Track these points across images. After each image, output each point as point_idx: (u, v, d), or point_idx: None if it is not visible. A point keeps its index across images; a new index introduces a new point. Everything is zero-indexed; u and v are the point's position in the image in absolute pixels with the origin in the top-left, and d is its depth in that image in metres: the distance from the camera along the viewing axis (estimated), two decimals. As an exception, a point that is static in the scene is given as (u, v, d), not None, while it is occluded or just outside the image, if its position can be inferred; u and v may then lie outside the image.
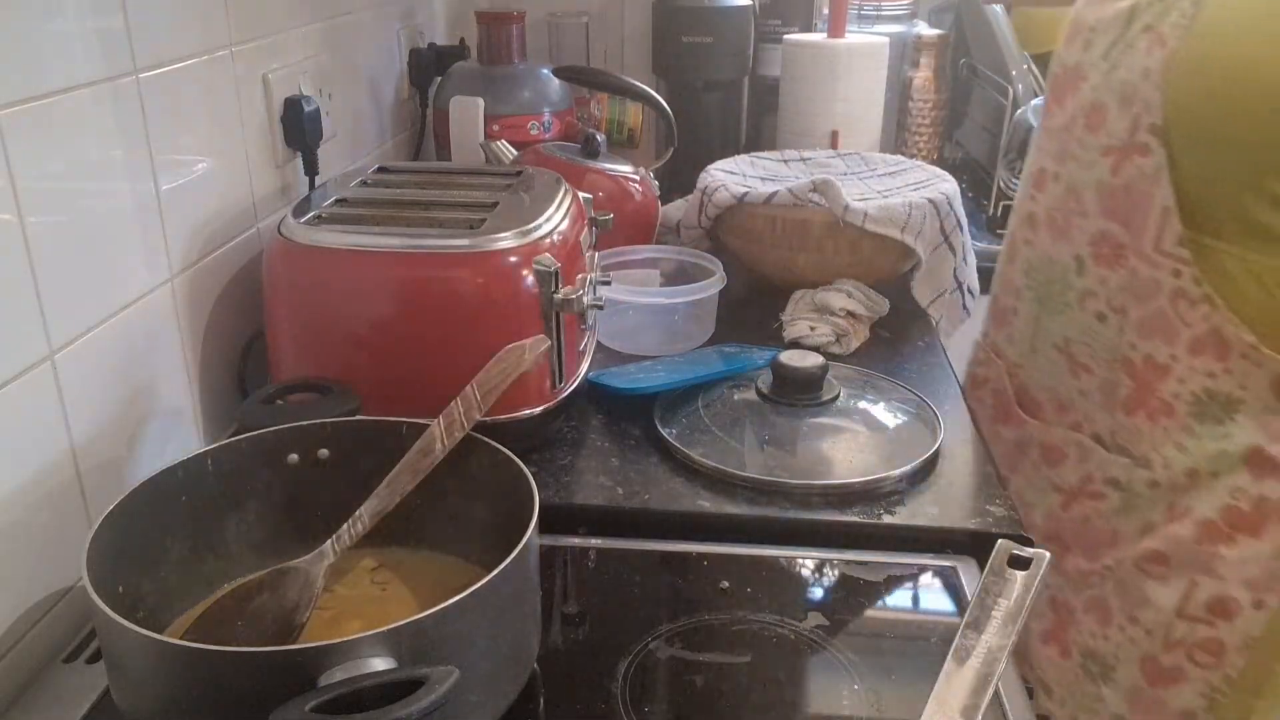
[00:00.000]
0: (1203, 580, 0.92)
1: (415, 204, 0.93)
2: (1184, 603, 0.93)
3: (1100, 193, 0.93)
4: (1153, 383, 0.91)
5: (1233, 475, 0.89)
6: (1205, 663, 0.93)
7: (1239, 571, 0.90)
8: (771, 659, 0.69)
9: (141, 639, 0.53)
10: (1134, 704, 0.98)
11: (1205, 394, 0.89)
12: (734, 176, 1.30)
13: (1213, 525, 0.91)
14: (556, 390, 0.89)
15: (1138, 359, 0.92)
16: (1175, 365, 0.89)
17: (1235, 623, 0.92)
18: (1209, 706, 0.95)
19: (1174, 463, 0.92)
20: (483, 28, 1.47)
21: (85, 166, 0.74)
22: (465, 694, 0.54)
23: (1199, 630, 0.93)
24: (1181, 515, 0.92)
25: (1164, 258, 0.88)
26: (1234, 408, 0.88)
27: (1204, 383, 0.88)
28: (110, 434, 0.77)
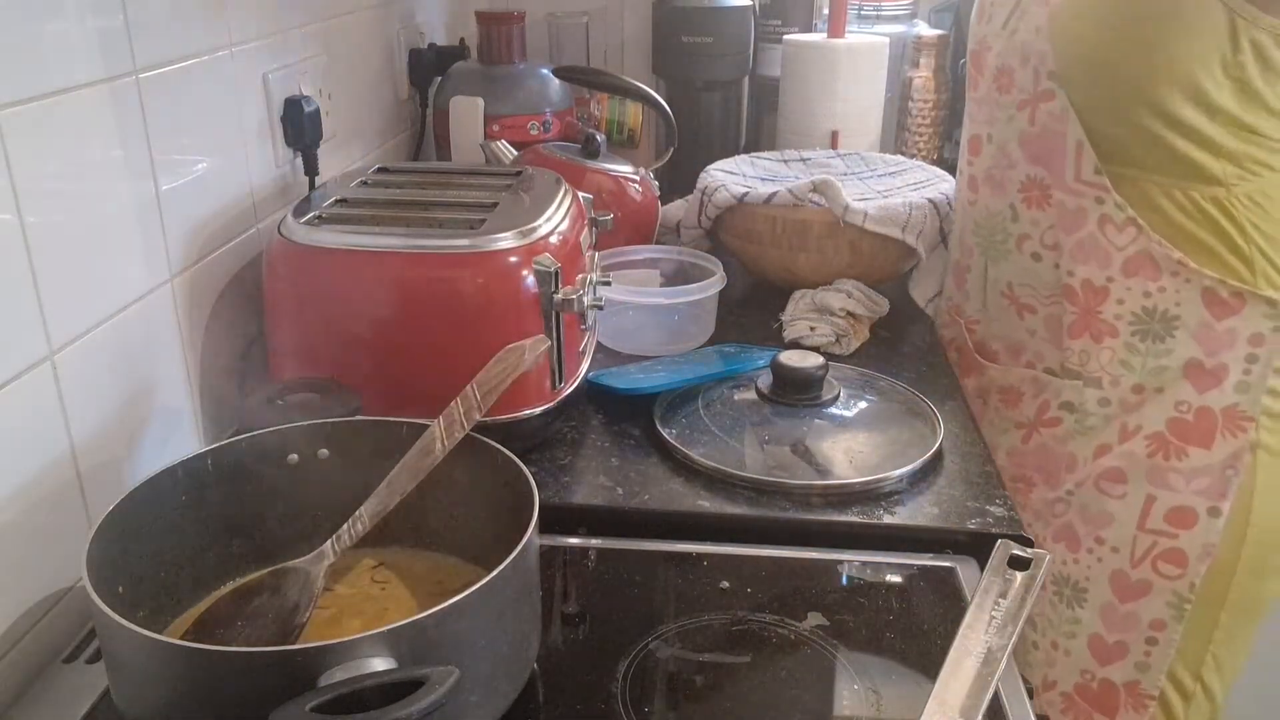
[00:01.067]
0: (1159, 493, 0.99)
1: (415, 204, 0.93)
2: (1144, 517, 1.00)
3: (1023, 143, 1.02)
4: (1094, 305, 0.99)
5: (1176, 389, 0.97)
6: (1170, 573, 1.01)
7: (1193, 482, 0.98)
8: (771, 659, 0.69)
9: (141, 639, 0.53)
10: (1108, 621, 1.05)
11: (1144, 312, 0.97)
12: (734, 177, 1.30)
13: (1162, 438, 0.99)
14: (556, 390, 0.89)
15: (1077, 285, 1.00)
16: (1113, 286, 0.97)
17: (1194, 531, 0.99)
18: (1178, 615, 1.02)
19: (1121, 380, 0.99)
20: (483, 28, 1.47)
21: (85, 166, 0.74)
22: (465, 694, 0.54)
23: (1161, 542, 1.00)
24: (1133, 433, 1.00)
25: (1086, 187, 0.97)
26: (1172, 324, 0.96)
27: (1141, 301, 0.96)
28: (110, 434, 0.77)
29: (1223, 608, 1.02)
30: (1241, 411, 0.96)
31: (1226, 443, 0.97)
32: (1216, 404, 0.97)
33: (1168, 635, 1.03)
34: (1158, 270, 0.95)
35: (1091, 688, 1.08)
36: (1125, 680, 1.06)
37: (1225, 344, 0.96)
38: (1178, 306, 0.95)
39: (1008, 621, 0.66)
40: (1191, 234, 0.94)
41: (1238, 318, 0.95)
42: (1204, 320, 0.95)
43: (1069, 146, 0.97)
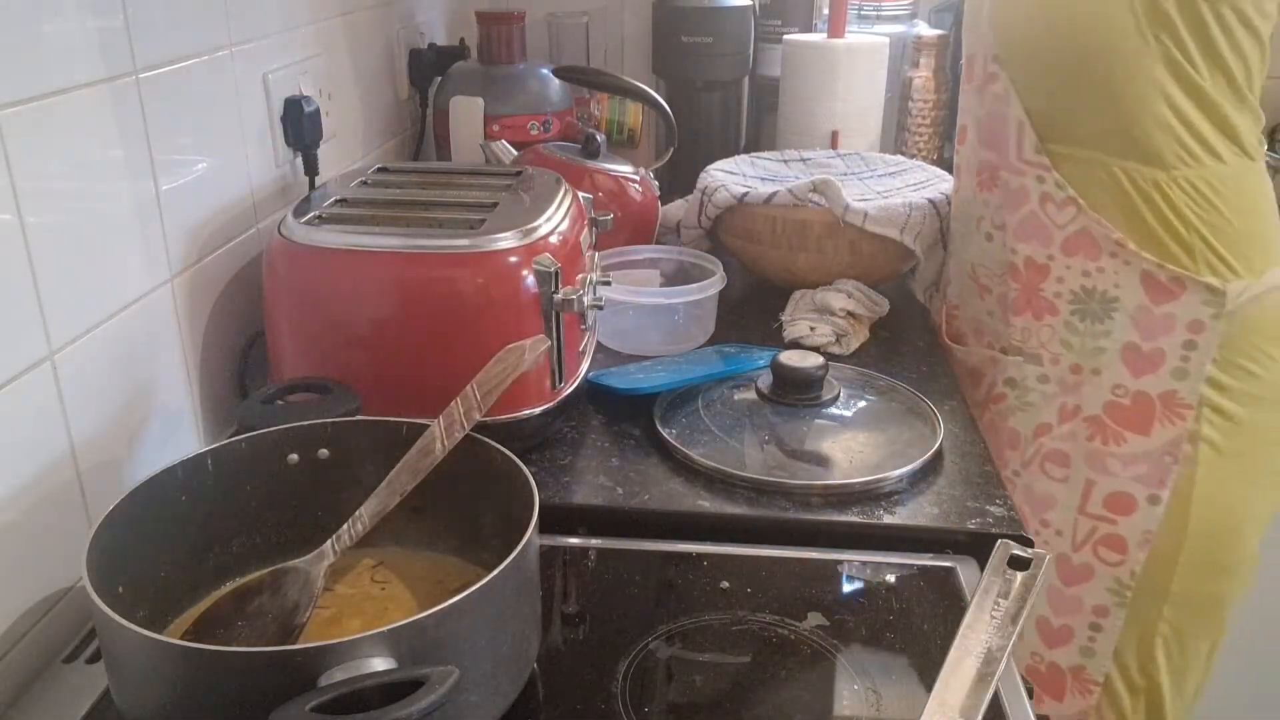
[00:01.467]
0: (1098, 478, 1.01)
1: (415, 204, 0.93)
2: (1084, 501, 1.02)
3: (978, 127, 1.06)
4: (1036, 282, 1.02)
5: (1113, 371, 0.99)
6: (1110, 559, 1.02)
7: (1131, 468, 0.99)
8: (771, 659, 0.69)
9: (141, 639, 0.53)
10: (1054, 605, 1.06)
11: (1083, 291, 0.98)
12: (734, 177, 1.30)
13: (1100, 422, 1.00)
14: (556, 390, 0.89)
15: (1020, 262, 1.03)
16: (1053, 264, 1.00)
17: (1133, 518, 1.00)
18: (1120, 602, 1.03)
19: (1060, 358, 1.02)
20: (483, 28, 1.47)
21: (85, 166, 0.74)
22: (465, 694, 0.54)
23: (1101, 527, 1.02)
24: (1072, 414, 1.02)
25: (1027, 166, 0.99)
26: (1110, 305, 0.97)
27: (1081, 280, 0.98)
28: (110, 434, 0.77)
29: (1166, 601, 1.02)
30: (1179, 399, 0.97)
31: (1164, 430, 0.98)
32: (1153, 389, 0.97)
33: (1111, 621, 1.04)
34: (1098, 250, 0.97)
35: (1040, 670, 1.09)
36: (1071, 665, 1.07)
37: (1163, 329, 0.96)
38: (1117, 288, 0.97)
39: (1008, 621, 0.66)
40: (1132, 214, 0.95)
41: (1176, 303, 0.95)
42: (1142, 304, 0.96)
43: (1011, 127, 1.00)
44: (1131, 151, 0.94)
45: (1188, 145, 0.93)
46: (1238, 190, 0.95)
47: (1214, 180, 0.94)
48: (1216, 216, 0.94)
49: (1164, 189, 0.93)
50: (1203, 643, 1.05)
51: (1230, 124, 0.94)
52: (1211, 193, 0.94)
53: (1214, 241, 0.94)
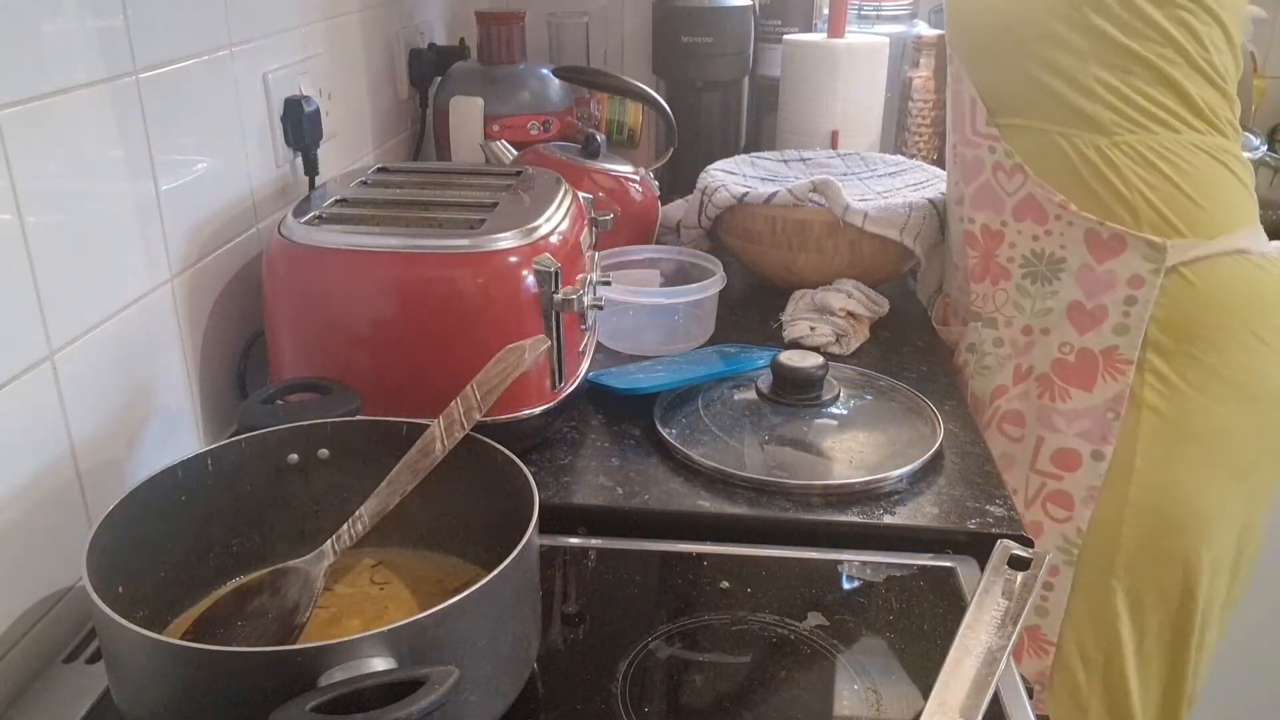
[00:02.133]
0: (1046, 434, 1.04)
1: (415, 204, 0.93)
2: (1034, 457, 1.05)
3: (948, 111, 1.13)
4: (990, 249, 1.06)
5: (1060, 330, 1.02)
6: (1058, 516, 1.04)
7: (1075, 424, 1.02)
8: (771, 659, 0.69)
9: (141, 639, 0.53)
10: None
11: (1033, 255, 1.03)
12: (734, 176, 1.30)
13: (1048, 379, 1.03)
14: (556, 390, 0.89)
15: (976, 230, 1.08)
16: (1006, 230, 1.04)
17: (1077, 475, 1.03)
18: (1067, 560, 1.05)
19: (1014, 321, 1.06)
20: (483, 28, 1.47)
21: (85, 166, 0.74)
22: (465, 694, 0.54)
23: (1049, 483, 1.04)
24: (1025, 375, 1.05)
25: (980, 138, 1.05)
26: (1058, 266, 1.01)
27: (1030, 245, 1.02)
28: (110, 434, 0.77)
29: (1116, 560, 1.02)
30: (1120, 355, 0.99)
31: (1106, 385, 1.00)
32: (1095, 345, 1.00)
33: (1061, 580, 1.05)
34: (1044, 214, 1.01)
35: None
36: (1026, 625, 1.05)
37: (1105, 286, 0.99)
38: (1063, 249, 1.00)
39: (1008, 621, 0.66)
40: (1075, 177, 0.98)
41: (1117, 260, 0.98)
42: (1086, 262, 0.99)
43: (965, 101, 1.06)
44: (1071, 119, 0.98)
45: (1126, 113, 0.97)
46: (1190, 158, 0.97)
47: (1160, 146, 0.97)
48: (1161, 180, 0.97)
49: (1105, 152, 0.97)
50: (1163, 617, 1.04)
51: (1188, 96, 0.97)
52: (1156, 158, 0.97)
53: (1157, 203, 0.97)
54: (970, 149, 1.07)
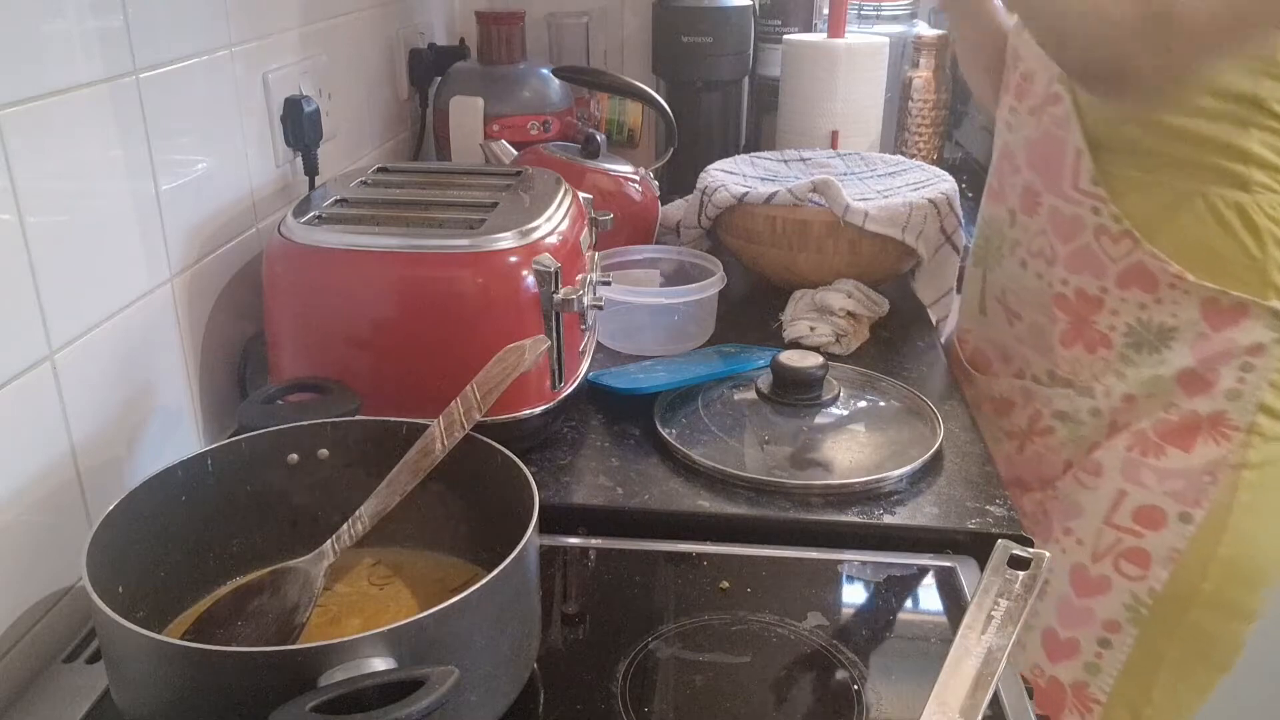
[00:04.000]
0: (1131, 489, 0.96)
1: (415, 204, 0.93)
2: (1113, 512, 0.97)
3: (1028, 149, 1.01)
4: (1087, 315, 0.97)
5: (1166, 393, 0.95)
6: (1131, 574, 0.97)
7: (1166, 483, 0.95)
8: (771, 659, 0.69)
9: (141, 639, 0.53)
10: (1063, 616, 1.02)
11: (1139, 324, 0.94)
12: (734, 176, 1.30)
13: (1143, 435, 0.96)
14: (556, 390, 0.89)
15: (1070, 294, 0.98)
16: (1106, 297, 0.95)
17: (1161, 534, 0.95)
18: (1133, 619, 0.98)
19: (1114, 390, 0.97)
20: (483, 28, 1.47)
21: (85, 166, 0.74)
22: (465, 694, 0.54)
23: (1126, 540, 0.97)
24: (1119, 430, 0.98)
25: (1083, 196, 0.95)
26: (1168, 335, 0.93)
27: (1137, 314, 0.94)
28: (110, 434, 0.77)
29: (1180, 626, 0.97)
30: (1229, 420, 0.93)
31: (1207, 449, 0.93)
32: (1203, 409, 0.94)
33: (1121, 639, 0.99)
34: (1155, 283, 0.92)
35: (1040, 684, 1.05)
36: (1073, 681, 1.02)
37: (1222, 353, 0.92)
38: (1174, 318, 0.92)
39: (1008, 621, 0.66)
40: (1199, 242, 0.90)
41: (1237, 328, 0.91)
42: (1202, 331, 0.92)
43: (1068, 153, 0.95)
44: (1213, 175, 0.89)
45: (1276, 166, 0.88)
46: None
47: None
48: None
49: (1245, 211, 0.89)
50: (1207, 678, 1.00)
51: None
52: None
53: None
54: (1068, 205, 0.96)
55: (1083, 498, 1.00)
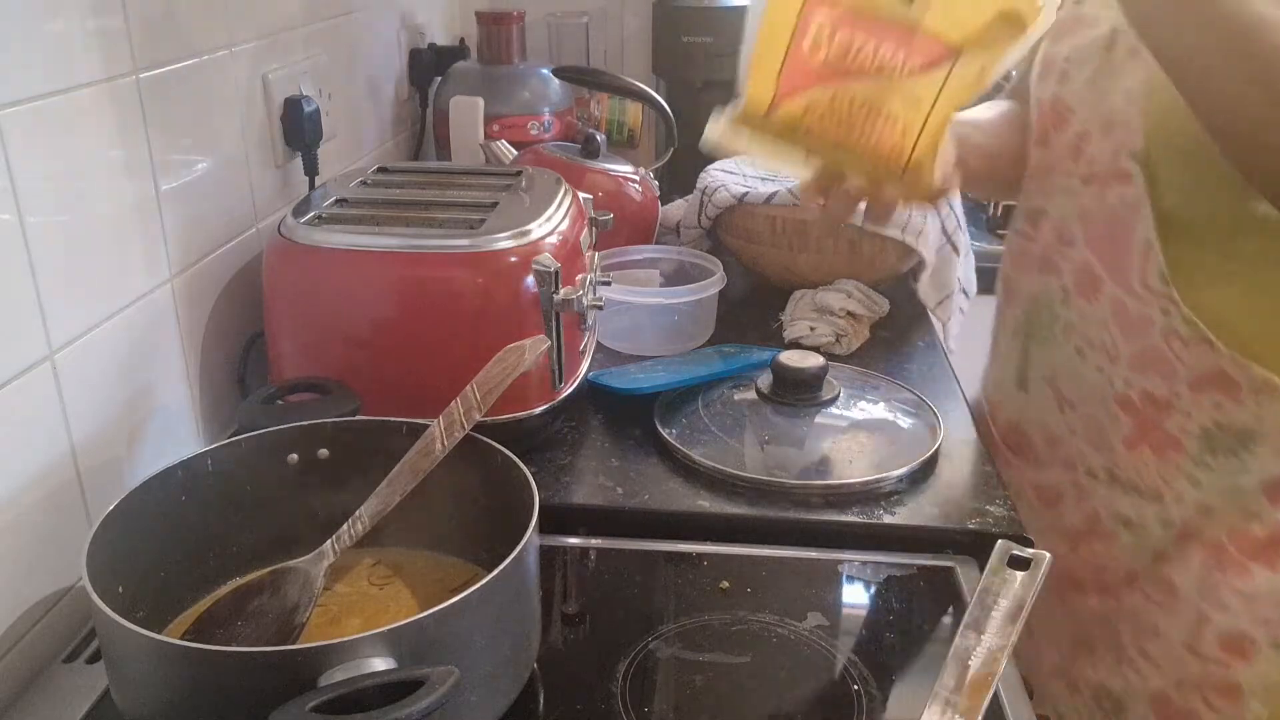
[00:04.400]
0: (1214, 614, 0.83)
1: (415, 204, 0.93)
2: (1195, 638, 0.84)
3: (1084, 223, 0.87)
4: (1155, 418, 0.83)
5: (1248, 503, 0.81)
6: (1221, 708, 0.84)
7: (1254, 608, 0.81)
8: (771, 659, 0.69)
9: (141, 639, 0.53)
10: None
11: (1216, 427, 0.80)
12: (734, 176, 1.30)
13: (1222, 549, 0.82)
14: (556, 390, 0.89)
15: (1135, 395, 0.84)
16: (1178, 401, 0.82)
17: (1253, 665, 0.82)
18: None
19: (1186, 496, 0.83)
20: (483, 28, 1.47)
21: (85, 166, 0.74)
22: (465, 694, 0.54)
23: (1213, 671, 0.83)
24: (1191, 540, 0.84)
25: (1151, 294, 0.81)
26: (1249, 439, 0.79)
27: (1213, 415, 0.80)
28: (110, 434, 0.77)
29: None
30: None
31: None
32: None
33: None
34: (1236, 387, 0.79)
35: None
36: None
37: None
38: (1259, 421, 0.79)
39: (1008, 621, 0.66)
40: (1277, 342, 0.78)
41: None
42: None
43: (1135, 243, 0.81)
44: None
45: None
46: None
47: None
48: None
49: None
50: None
51: None
52: None
53: None
54: (1134, 301, 0.82)
55: (1157, 618, 0.86)
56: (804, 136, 0.74)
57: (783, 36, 0.72)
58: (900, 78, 0.70)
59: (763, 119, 0.74)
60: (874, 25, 0.70)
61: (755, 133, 0.76)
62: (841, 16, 0.70)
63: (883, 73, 0.70)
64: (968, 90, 0.71)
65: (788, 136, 0.74)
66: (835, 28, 0.71)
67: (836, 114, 0.72)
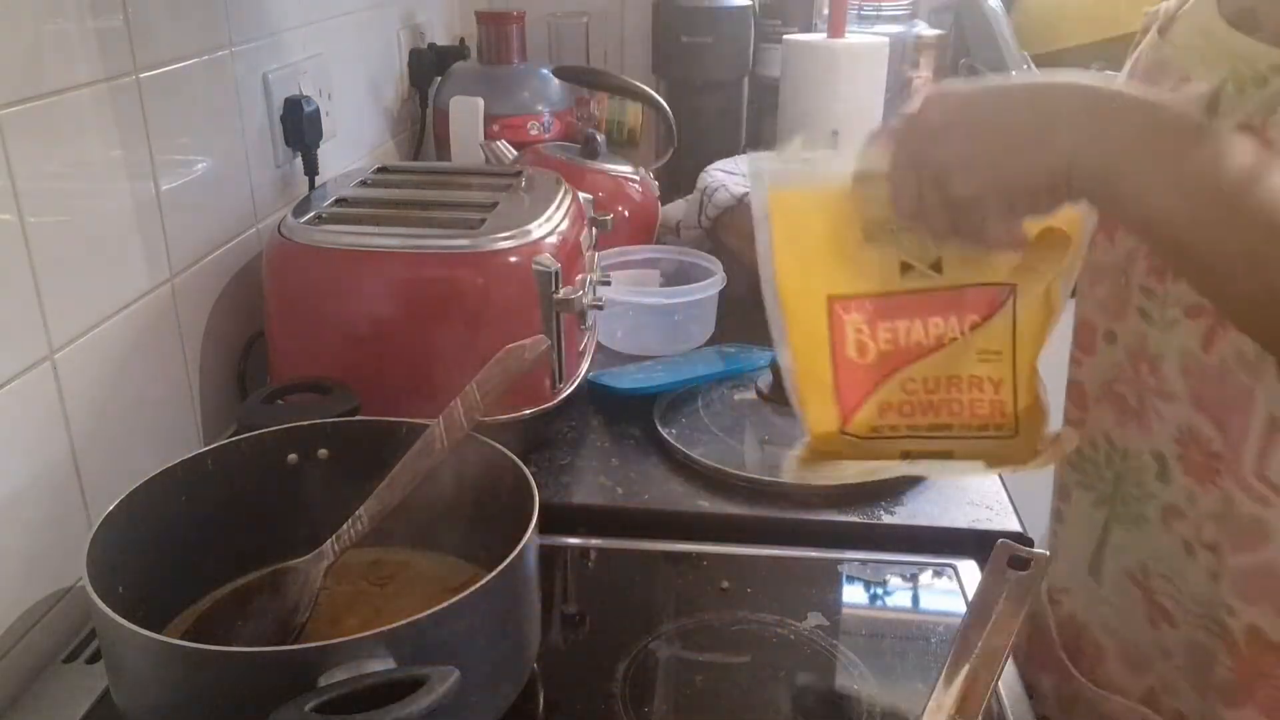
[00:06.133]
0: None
1: (415, 204, 0.93)
2: None
3: (1186, 369, 0.63)
4: (1265, 667, 0.63)
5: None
6: None
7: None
8: (771, 659, 0.69)
9: (141, 639, 0.53)
10: None
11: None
12: (734, 176, 1.30)
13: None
14: (556, 390, 0.89)
15: (1238, 629, 0.63)
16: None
17: None
18: None
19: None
20: (483, 28, 1.47)
21: (85, 166, 0.74)
22: (465, 694, 0.54)
23: None
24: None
25: (1271, 490, 0.60)
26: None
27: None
28: (110, 434, 0.77)
29: None
30: None
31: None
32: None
33: None
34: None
35: None
36: None
37: None
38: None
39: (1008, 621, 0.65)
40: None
41: None
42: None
43: (1255, 413, 0.59)
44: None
45: None
46: None
47: None
48: None
49: None
50: None
51: None
52: None
53: None
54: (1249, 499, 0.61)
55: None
56: (891, 438, 0.64)
57: (822, 355, 0.64)
58: (966, 338, 0.62)
59: (839, 440, 0.65)
60: (912, 303, 0.61)
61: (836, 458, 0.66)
62: (875, 310, 0.62)
63: (944, 342, 0.62)
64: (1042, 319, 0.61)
65: (874, 446, 0.65)
66: (873, 323, 0.62)
67: (915, 401, 0.63)
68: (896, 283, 0.61)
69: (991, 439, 0.63)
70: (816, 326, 0.64)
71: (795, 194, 0.62)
